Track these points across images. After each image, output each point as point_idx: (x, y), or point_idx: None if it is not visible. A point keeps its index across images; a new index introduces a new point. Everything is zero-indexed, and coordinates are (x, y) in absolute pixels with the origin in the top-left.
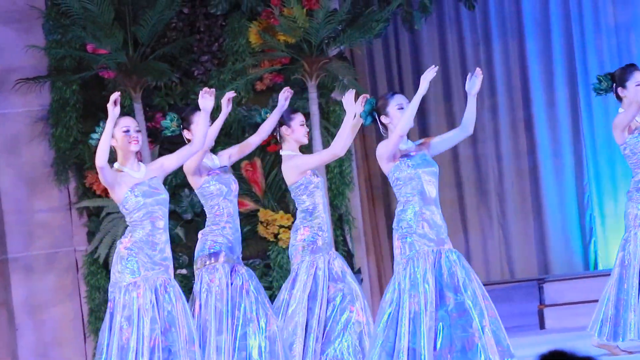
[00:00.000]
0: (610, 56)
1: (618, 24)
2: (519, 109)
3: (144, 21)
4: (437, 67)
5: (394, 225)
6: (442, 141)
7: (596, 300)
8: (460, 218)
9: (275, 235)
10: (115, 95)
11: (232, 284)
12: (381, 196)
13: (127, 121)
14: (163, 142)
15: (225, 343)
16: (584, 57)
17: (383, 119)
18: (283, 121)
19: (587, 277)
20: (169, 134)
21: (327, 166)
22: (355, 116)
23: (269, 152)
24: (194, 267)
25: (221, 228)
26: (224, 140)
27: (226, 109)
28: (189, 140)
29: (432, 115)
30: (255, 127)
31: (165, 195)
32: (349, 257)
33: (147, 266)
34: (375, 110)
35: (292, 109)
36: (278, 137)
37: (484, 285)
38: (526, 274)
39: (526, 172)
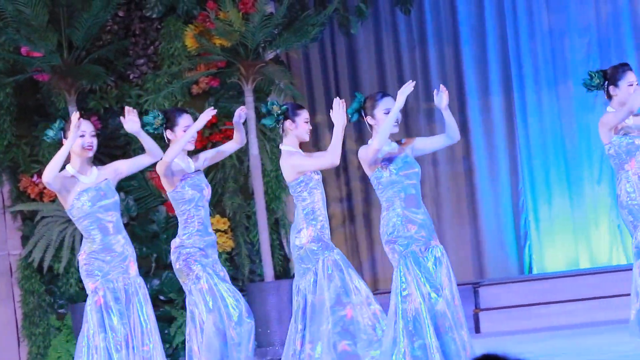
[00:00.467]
0: (544, 61)
1: (552, 29)
2: (455, 113)
3: (79, 24)
4: (414, 82)
5: (380, 229)
6: (426, 144)
7: (532, 304)
8: None
9: None
10: (77, 116)
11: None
12: None
13: (84, 125)
14: (99, 147)
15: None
16: (519, 62)
17: (369, 119)
18: (288, 115)
19: (522, 281)
20: (151, 131)
21: (264, 170)
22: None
23: None
24: (180, 278)
25: (190, 235)
26: (159, 144)
27: (203, 122)
28: (169, 141)
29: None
30: None
31: (115, 198)
32: (285, 261)
33: (105, 271)
34: (363, 109)
35: (298, 105)
36: (281, 131)
37: None
38: (461, 277)
39: (462, 176)
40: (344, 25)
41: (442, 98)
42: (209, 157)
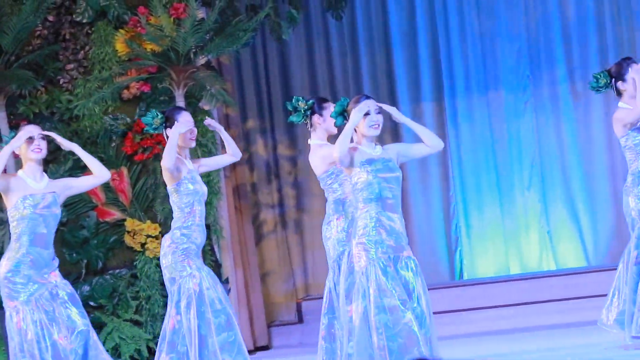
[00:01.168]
0: (475, 67)
1: (483, 36)
2: (386, 119)
3: (8, 28)
4: (371, 100)
5: (350, 229)
6: (409, 150)
7: (463, 310)
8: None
9: (142, 245)
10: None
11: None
12: (249, 206)
13: (31, 128)
14: None
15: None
16: (450, 68)
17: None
18: (315, 110)
19: (453, 287)
20: (151, 131)
21: None
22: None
23: (136, 162)
24: (165, 274)
25: (190, 228)
26: (90, 149)
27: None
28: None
29: (300, 126)
30: (122, 135)
31: (57, 213)
32: (216, 266)
33: (28, 287)
34: (346, 112)
35: (324, 99)
36: (309, 126)
37: None
38: None
39: None
40: (276, 31)
41: (396, 114)
42: (207, 164)
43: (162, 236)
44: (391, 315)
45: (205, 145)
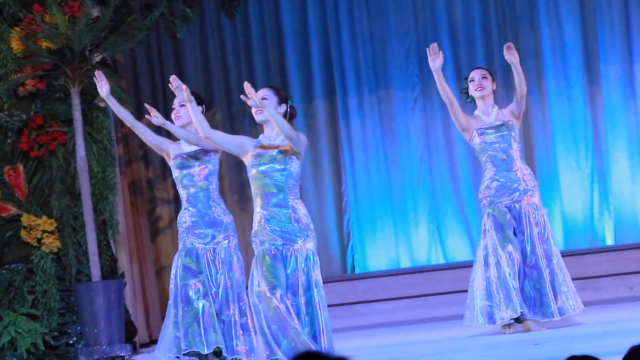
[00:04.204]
0: (366, 66)
1: (373, 35)
2: None
3: None
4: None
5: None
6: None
7: (355, 302)
8: None
9: (39, 240)
10: None
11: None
12: (145, 202)
13: None
14: None
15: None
16: (341, 67)
17: None
18: None
19: (345, 280)
20: None
21: (91, 171)
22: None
23: (32, 158)
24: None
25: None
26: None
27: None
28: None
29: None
30: (17, 131)
31: None
32: (112, 261)
33: None
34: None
35: None
36: None
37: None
38: None
39: None
40: (170, 29)
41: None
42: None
43: (59, 231)
44: (262, 302)
45: (100, 142)
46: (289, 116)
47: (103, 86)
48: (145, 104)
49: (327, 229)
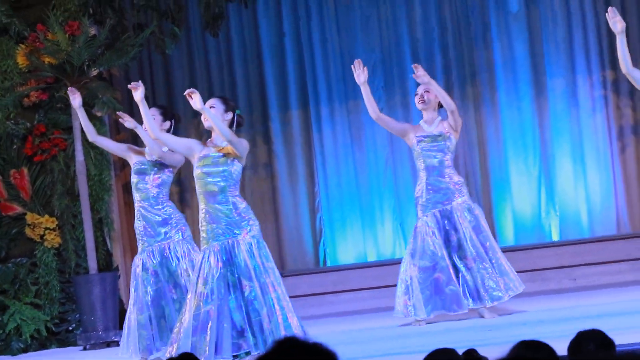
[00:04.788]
0: (336, 79)
1: (343, 51)
2: (258, 124)
3: None
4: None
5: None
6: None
7: (326, 293)
8: None
9: (41, 236)
10: None
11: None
12: None
13: None
14: None
15: None
16: (314, 78)
17: None
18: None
19: (318, 273)
20: None
21: (88, 174)
22: None
23: (36, 162)
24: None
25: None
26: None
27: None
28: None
29: (183, 127)
30: (22, 138)
31: None
32: (108, 255)
33: None
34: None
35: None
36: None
37: None
38: None
39: (265, 181)
40: (160, 46)
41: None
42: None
43: (60, 228)
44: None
45: (97, 147)
46: (237, 124)
47: (76, 99)
48: (117, 112)
49: (301, 225)
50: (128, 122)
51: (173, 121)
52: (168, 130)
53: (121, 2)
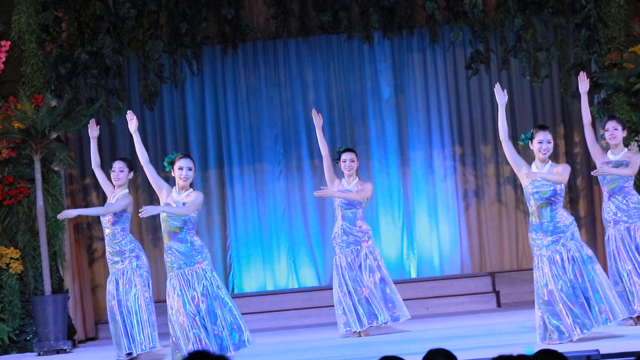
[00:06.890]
0: (246, 146)
1: (251, 124)
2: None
3: None
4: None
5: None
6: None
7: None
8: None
9: (7, 265)
10: None
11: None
12: (85, 238)
13: None
14: None
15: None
16: (228, 145)
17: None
18: None
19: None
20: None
21: (46, 216)
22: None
23: (5, 205)
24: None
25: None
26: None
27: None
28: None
29: (132, 187)
30: None
31: None
32: (60, 281)
33: None
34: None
35: None
36: None
37: None
38: None
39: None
40: (107, 117)
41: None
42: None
43: (22, 258)
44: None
45: (54, 195)
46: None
47: (132, 124)
48: (127, 112)
49: (214, 261)
50: (132, 123)
51: (132, 172)
52: (130, 179)
53: (77, 81)
